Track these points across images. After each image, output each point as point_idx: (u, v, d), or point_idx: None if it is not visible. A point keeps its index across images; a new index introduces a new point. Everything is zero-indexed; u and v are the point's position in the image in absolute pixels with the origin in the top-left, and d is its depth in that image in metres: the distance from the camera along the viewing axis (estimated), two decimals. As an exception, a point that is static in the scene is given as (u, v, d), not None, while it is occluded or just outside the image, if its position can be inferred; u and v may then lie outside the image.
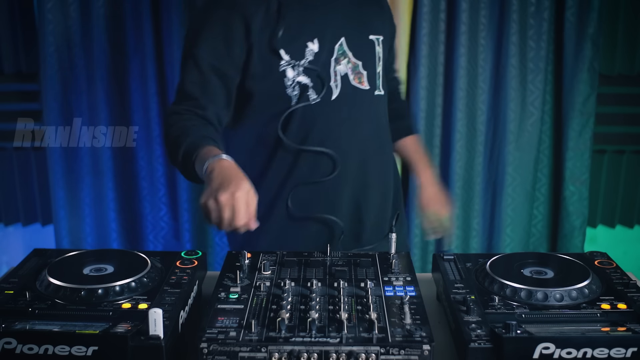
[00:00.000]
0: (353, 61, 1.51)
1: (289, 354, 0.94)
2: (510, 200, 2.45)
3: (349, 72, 1.51)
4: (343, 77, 1.50)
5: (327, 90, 1.49)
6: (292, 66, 1.47)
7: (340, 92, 1.50)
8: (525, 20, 2.29)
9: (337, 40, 1.50)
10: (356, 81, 1.52)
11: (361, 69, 1.52)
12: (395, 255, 1.27)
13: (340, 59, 1.50)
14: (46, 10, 2.23)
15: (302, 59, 1.46)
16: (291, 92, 1.48)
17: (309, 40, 1.47)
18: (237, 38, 1.44)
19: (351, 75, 1.51)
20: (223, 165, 1.26)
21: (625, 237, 2.64)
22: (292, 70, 1.47)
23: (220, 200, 1.17)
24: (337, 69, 1.50)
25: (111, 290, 1.09)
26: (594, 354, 0.92)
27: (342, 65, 1.50)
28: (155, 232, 2.50)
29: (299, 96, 1.48)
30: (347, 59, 1.51)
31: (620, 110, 2.51)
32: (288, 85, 1.47)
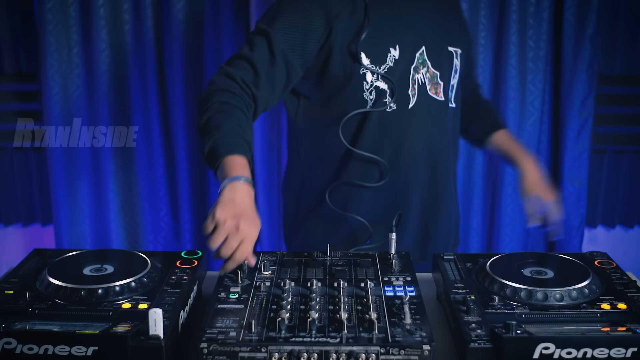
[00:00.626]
0: (432, 71, 1.50)
1: (289, 354, 0.94)
2: (510, 200, 2.44)
3: (426, 81, 1.50)
4: (421, 86, 1.49)
5: (404, 99, 1.48)
6: (371, 71, 1.46)
7: (417, 101, 1.49)
8: (524, 20, 2.29)
9: (419, 49, 1.49)
10: (432, 91, 1.51)
11: (439, 79, 1.51)
12: (395, 255, 1.27)
13: (419, 67, 1.49)
14: (46, 10, 2.23)
15: (383, 64, 1.46)
16: (367, 96, 1.48)
17: (391, 46, 1.46)
18: (315, 35, 1.42)
19: (428, 85, 1.50)
20: (239, 189, 1.18)
21: (625, 237, 2.63)
22: (371, 75, 1.46)
23: (224, 227, 1.11)
24: (415, 78, 1.48)
25: (111, 290, 1.09)
26: (594, 354, 0.92)
27: (421, 74, 1.49)
28: (155, 232, 2.50)
29: (375, 101, 1.48)
30: (426, 68, 1.49)
31: (620, 111, 2.51)
32: (366, 89, 1.47)
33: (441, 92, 1.53)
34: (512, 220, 2.47)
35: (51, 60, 2.29)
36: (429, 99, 1.51)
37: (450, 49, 1.54)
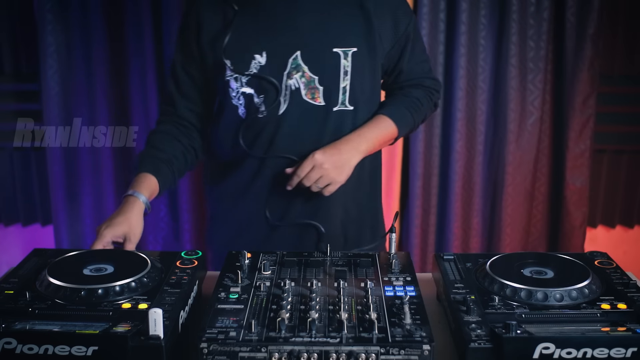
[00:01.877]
0: (308, 75, 1.47)
1: (289, 354, 0.94)
2: (510, 200, 2.45)
3: (302, 86, 1.47)
4: (294, 91, 1.47)
5: (276, 105, 1.48)
6: (234, 77, 1.47)
7: (288, 106, 1.48)
8: (525, 20, 2.29)
9: (292, 54, 1.46)
10: (308, 96, 1.48)
11: (317, 84, 1.47)
12: (395, 255, 1.27)
13: (292, 73, 1.46)
14: (46, 10, 2.24)
15: (247, 70, 1.46)
16: (237, 102, 1.50)
17: (257, 52, 1.45)
18: (192, 40, 1.51)
19: (304, 90, 1.47)
20: (126, 201, 1.41)
21: (625, 237, 2.64)
22: (236, 82, 1.48)
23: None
24: (288, 83, 1.47)
25: (111, 290, 1.09)
26: (594, 354, 0.92)
27: (295, 79, 1.46)
28: (155, 232, 2.50)
29: (247, 106, 1.49)
30: (300, 72, 1.46)
31: (620, 110, 2.51)
32: (233, 95, 1.49)
33: (320, 96, 1.48)
34: (512, 220, 2.47)
35: (51, 60, 2.29)
36: (303, 104, 1.48)
37: (335, 50, 1.47)
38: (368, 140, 1.52)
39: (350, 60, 1.47)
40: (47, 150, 2.39)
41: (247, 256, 1.23)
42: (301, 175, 1.45)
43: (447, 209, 2.46)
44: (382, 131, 1.55)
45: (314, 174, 1.44)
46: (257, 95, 1.48)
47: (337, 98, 1.49)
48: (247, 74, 1.46)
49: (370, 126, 1.54)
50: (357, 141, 1.51)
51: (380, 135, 1.54)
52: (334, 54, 1.47)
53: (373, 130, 1.54)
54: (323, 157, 1.45)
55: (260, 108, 1.48)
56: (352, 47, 1.47)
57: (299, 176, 1.45)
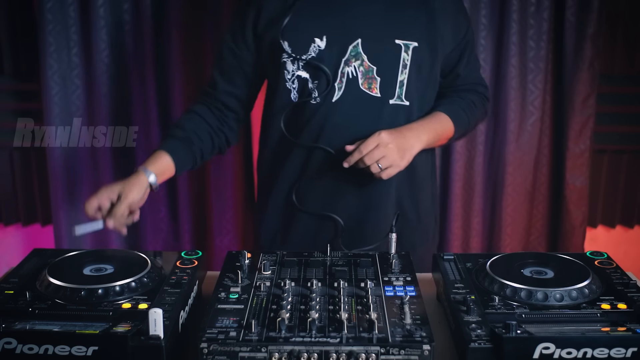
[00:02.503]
0: (367, 64, 1.45)
1: (289, 354, 0.94)
2: (510, 199, 2.44)
3: (359, 75, 1.46)
4: (351, 79, 1.46)
5: (330, 91, 1.46)
6: (292, 59, 1.46)
7: (343, 94, 1.46)
8: (525, 20, 2.29)
9: (353, 41, 1.44)
10: (365, 86, 1.46)
11: (375, 74, 1.46)
12: (395, 255, 1.27)
13: (351, 60, 1.45)
14: (46, 10, 2.23)
15: (305, 53, 1.44)
16: (290, 86, 1.48)
17: (317, 36, 1.44)
18: (249, 23, 1.49)
19: (361, 79, 1.46)
20: (135, 172, 1.46)
21: (625, 237, 2.63)
22: (292, 64, 1.46)
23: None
24: (345, 70, 1.45)
25: (111, 290, 1.09)
26: (594, 354, 0.92)
27: (353, 67, 1.45)
28: (154, 232, 2.50)
29: (300, 91, 1.47)
30: (360, 61, 1.45)
31: (620, 110, 2.51)
32: (287, 78, 1.47)
33: (376, 87, 1.47)
34: (512, 220, 2.47)
35: (51, 60, 2.28)
36: (359, 94, 1.46)
37: (397, 41, 1.45)
38: (429, 132, 1.50)
39: (410, 54, 1.47)
40: (47, 150, 2.39)
41: (247, 256, 1.23)
42: (364, 152, 1.39)
43: (447, 209, 2.46)
44: (442, 126, 1.53)
45: (378, 152, 1.39)
46: (311, 81, 1.47)
47: (393, 91, 1.48)
48: (305, 58, 1.45)
49: (430, 119, 1.53)
50: (420, 130, 1.48)
51: (440, 129, 1.53)
52: (396, 45, 1.46)
53: (434, 123, 1.52)
54: (389, 137, 1.40)
55: (313, 94, 1.47)
56: (414, 42, 1.46)
57: (361, 152, 1.39)
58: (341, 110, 1.47)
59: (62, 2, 2.24)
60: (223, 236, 2.47)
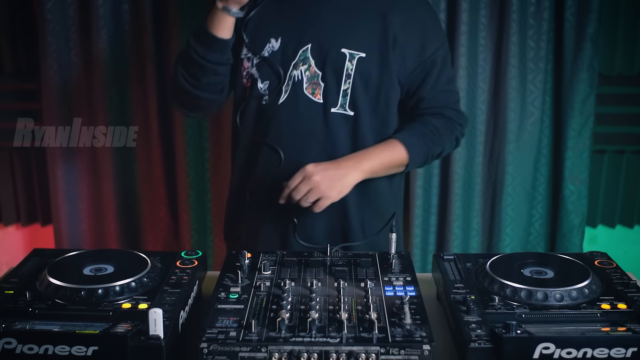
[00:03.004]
0: (313, 69, 1.46)
1: (289, 354, 0.94)
2: (510, 200, 2.45)
3: (305, 79, 1.47)
4: (296, 83, 1.47)
5: (277, 93, 1.49)
6: (247, 57, 1.50)
7: (288, 97, 1.48)
8: (525, 20, 2.29)
9: (304, 45, 1.46)
10: (309, 91, 1.48)
11: (320, 80, 1.47)
12: (395, 255, 1.27)
13: (299, 64, 1.46)
14: (46, 10, 2.23)
15: (259, 52, 1.48)
16: (245, 83, 1.53)
17: (273, 37, 1.47)
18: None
19: (306, 83, 1.47)
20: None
21: (625, 237, 2.63)
22: (248, 61, 1.51)
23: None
24: (293, 74, 1.47)
25: (111, 290, 1.09)
26: (594, 354, 0.92)
27: (299, 70, 1.46)
28: (154, 232, 2.50)
29: (251, 89, 1.52)
30: (307, 65, 1.46)
31: (620, 110, 2.51)
32: (243, 75, 1.52)
33: (320, 93, 1.47)
34: (512, 220, 2.47)
35: (51, 60, 2.28)
36: (302, 98, 1.48)
37: (343, 50, 1.45)
38: (372, 161, 1.47)
39: (355, 64, 1.45)
40: (47, 150, 2.39)
41: (247, 256, 1.23)
42: (291, 187, 1.41)
43: (447, 209, 2.46)
44: (391, 154, 1.49)
45: (303, 186, 1.40)
46: (261, 81, 1.50)
47: (336, 99, 1.48)
48: (260, 56, 1.48)
49: (378, 147, 1.50)
50: (358, 159, 1.46)
51: (387, 158, 1.49)
52: (341, 53, 1.46)
53: (381, 152, 1.48)
54: (314, 169, 1.41)
55: (264, 95, 1.50)
56: (360, 52, 1.46)
57: (288, 187, 1.42)
58: (286, 112, 1.49)
59: (62, 2, 2.24)
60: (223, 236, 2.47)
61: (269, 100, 1.50)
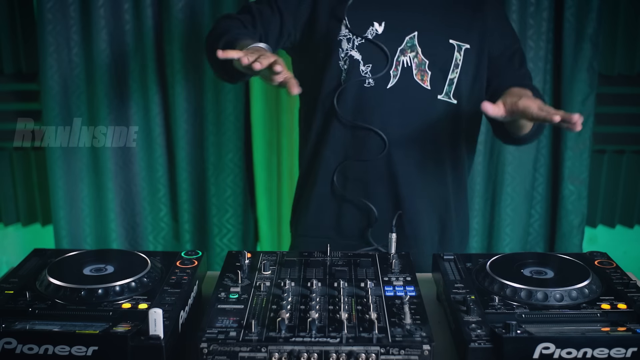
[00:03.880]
0: (420, 57, 1.48)
1: (289, 354, 0.94)
2: (509, 200, 2.45)
3: (413, 66, 1.48)
4: (406, 69, 1.48)
5: (384, 77, 1.47)
6: (347, 38, 1.47)
7: (398, 82, 1.48)
8: (524, 20, 2.29)
9: (410, 32, 1.47)
10: (418, 77, 1.49)
11: (426, 68, 1.49)
12: (395, 255, 1.27)
13: (406, 50, 1.47)
14: (46, 10, 2.23)
15: (362, 34, 1.46)
16: (342, 65, 1.49)
17: (376, 20, 1.46)
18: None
19: (415, 70, 1.48)
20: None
21: (625, 237, 2.63)
22: (347, 43, 1.47)
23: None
24: (400, 59, 1.47)
25: (111, 290, 1.09)
26: (594, 354, 0.92)
27: (408, 57, 1.47)
28: (155, 232, 2.50)
29: (349, 71, 1.48)
30: (415, 52, 1.48)
31: (620, 110, 2.51)
32: (341, 57, 1.48)
33: (428, 81, 1.50)
34: (512, 220, 2.47)
35: (51, 60, 2.28)
36: (412, 84, 1.49)
37: (451, 41, 1.50)
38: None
39: (462, 54, 1.50)
40: (47, 150, 2.39)
41: (247, 256, 1.23)
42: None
43: (447, 209, 2.46)
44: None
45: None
46: (363, 63, 1.48)
47: (442, 87, 1.51)
48: (363, 38, 1.46)
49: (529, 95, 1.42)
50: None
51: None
52: (450, 44, 1.50)
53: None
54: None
55: (367, 78, 1.48)
56: (467, 44, 1.50)
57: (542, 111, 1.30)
58: (395, 97, 1.49)
59: (62, 2, 2.24)
60: (223, 236, 2.47)
61: (374, 84, 1.48)
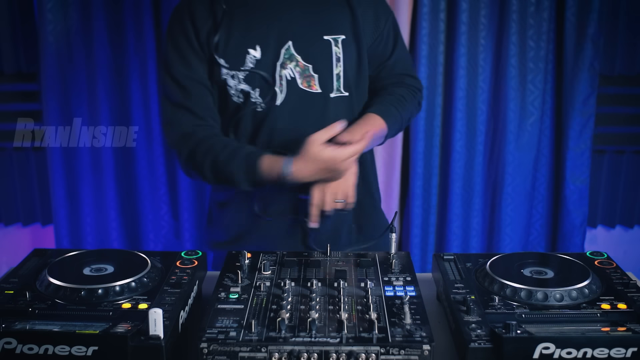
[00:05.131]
0: (302, 64, 1.48)
1: (289, 354, 0.94)
2: (510, 200, 2.45)
3: (297, 75, 1.48)
4: (290, 81, 1.48)
5: (272, 96, 1.48)
6: (231, 75, 1.47)
7: (286, 96, 1.48)
8: (525, 20, 2.29)
9: (284, 44, 1.47)
10: (304, 85, 1.49)
11: (311, 71, 1.48)
12: (395, 255, 1.27)
13: (286, 62, 1.47)
14: (46, 10, 2.24)
15: (242, 66, 1.46)
16: (237, 100, 1.49)
17: (250, 47, 1.46)
18: (195, 46, 1.48)
19: (299, 79, 1.48)
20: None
21: (625, 237, 2.64)
22: (233, 79, 1.47)
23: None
24: (282, 73, 1.47)
25: (111, 290, 1.09)
26: (594, 354, 0.92)
27: (289, 69, 1.47)
28: (155, 231, 2.50)
29: (244, 103, 1.49)
30: (294, 62, 1.47)
31: (620, 110, 2.51)
32: (232, 93, 1.49)
33: (316, 84, 1.49)
34: (512, 220, 2.47)
35: (51, 60, 2.29)
36: (300, 93, 1.49)
37: (326, 37, 1.49)
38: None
39: (340, 47, 1.50)
40: (47, 150, 2.39)
41: (247, 256, 1.23)
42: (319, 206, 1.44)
43: (447, 209, 2.46)
44: (374, 128, 1.52)
45: (328, 197, 1.44)
46: (252, 90, 1.48)
47: (332, 84, 1.51)
48: (243, 70, 1.46)
49: (360, 123, 1.52)
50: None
51: (372, 132, 1.52)
52: (325, 41, 1.49)
53: (363, 127, 1.51)
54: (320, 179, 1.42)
55: (257, 102, 1.49)
56: (341, 35, 1.50)
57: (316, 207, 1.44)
58: (287, 111, 1.49)
59: (62, 2, 2.25)
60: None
61: (265, 106, 1.49)
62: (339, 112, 1.52)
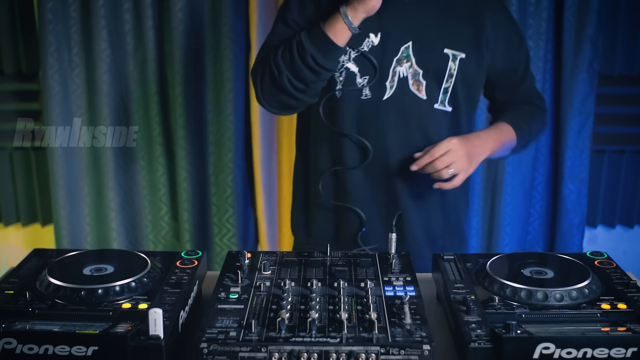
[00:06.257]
0: (414, 68, 1.48)
1: (289, 354, 0.94)
2: (509, 199, 2.45)
3: (409, 76, 1.48)
4: (402, 79, 1.48)
5: (381, 89, 1.48)
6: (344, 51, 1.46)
7: (395, 93, 1.49)
8: (524, 20, 2.29)
9: (405, 42, 1.47)
10: (414, 87, 1.49)
11: (420, 77, 1.49)
12: (395, 255, 1.26)
13: (402, 61, 1.47)
14: (46, 10, 2.24)
15: (357, 46, 1.46)
16: (338, 77, 1.49)
17: (372, 32, 1.46)
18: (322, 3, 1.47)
19: (411, 80, 1.49)
20: None
21: (625, 237, 2.64)
22: (344, 55, 1.46)
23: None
24: (397, 70, 1.47)
25: (111, 290, 1.09)
26: (594, 354, 0.92)
27: (404, 67, 1.47)
28: (155, 231, 2.50)
29: (344, 83, 1.48)
30: (409, 63, 1.48)
31: (620, 110, 2.51)
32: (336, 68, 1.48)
33: (423, 90, 1.50)
34: (512, 220, 2.47)
35: (51, 60, 2.29)
36: (409, 94, 1.49)
37: (446, 51, 1.50)
38: (495, 141, 1.53)
39: (457, 64, 1.50)
40: (47, 150, 2.39)
41: (247, 256, 1.23)
42: (435, 156, 1.41)
43: (447, 209, 2.46)
44: (506, 135, 1.55)
45: (449, 157, 1.41)
46: (360, 76, 1.48)
47: (437, 96, 1.51)
48: (358, 50, 1.46)
49: (495, 129, 1.56)
50: (486, 138, 1.51)
51: (504, 138, 1.55)
52: (444, 54, 1.49)
53: (498, 133, 1.54)
54: (460, 143, 1.43)
55: (363, 90, 1.48)
56: (462, 53, 1.50)
57: (432, 156, 1.42)
58: (392, 108, 1.49)
59: (63, 2, 2.25)
60: (223, 236, 2.48)
61: (371, 96, 1.48)
62: (439, 123, 1.53)
